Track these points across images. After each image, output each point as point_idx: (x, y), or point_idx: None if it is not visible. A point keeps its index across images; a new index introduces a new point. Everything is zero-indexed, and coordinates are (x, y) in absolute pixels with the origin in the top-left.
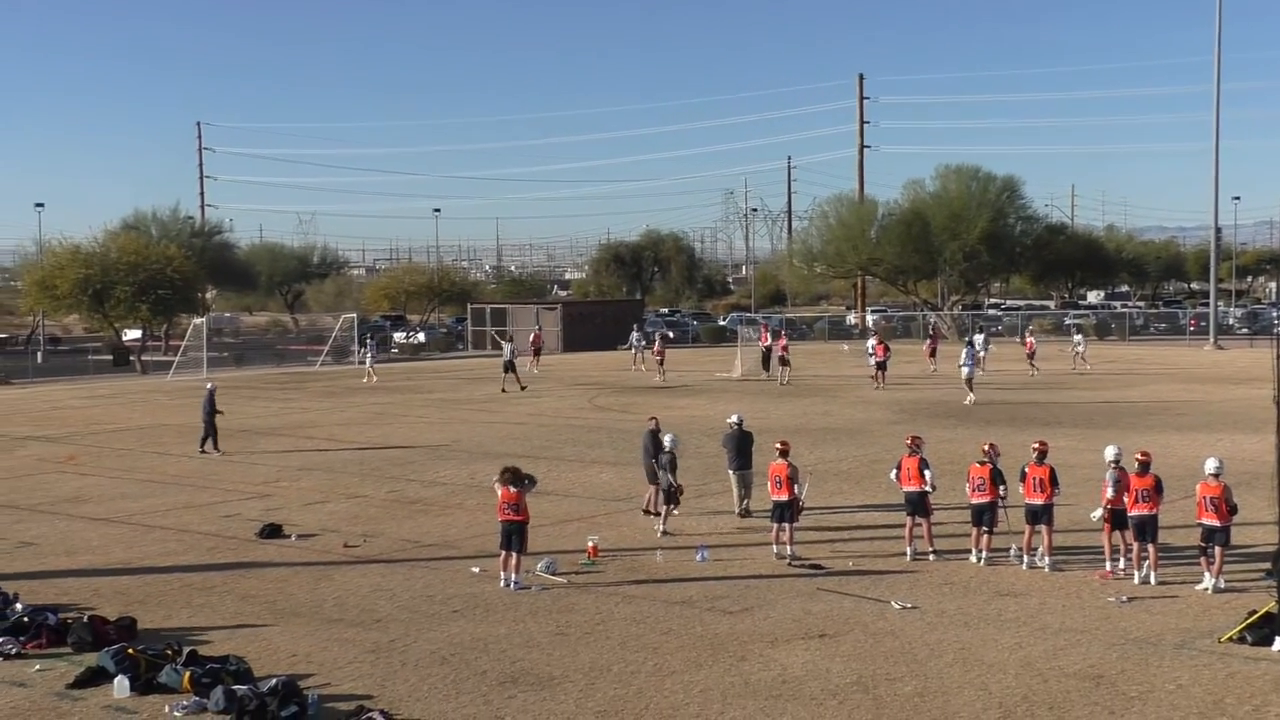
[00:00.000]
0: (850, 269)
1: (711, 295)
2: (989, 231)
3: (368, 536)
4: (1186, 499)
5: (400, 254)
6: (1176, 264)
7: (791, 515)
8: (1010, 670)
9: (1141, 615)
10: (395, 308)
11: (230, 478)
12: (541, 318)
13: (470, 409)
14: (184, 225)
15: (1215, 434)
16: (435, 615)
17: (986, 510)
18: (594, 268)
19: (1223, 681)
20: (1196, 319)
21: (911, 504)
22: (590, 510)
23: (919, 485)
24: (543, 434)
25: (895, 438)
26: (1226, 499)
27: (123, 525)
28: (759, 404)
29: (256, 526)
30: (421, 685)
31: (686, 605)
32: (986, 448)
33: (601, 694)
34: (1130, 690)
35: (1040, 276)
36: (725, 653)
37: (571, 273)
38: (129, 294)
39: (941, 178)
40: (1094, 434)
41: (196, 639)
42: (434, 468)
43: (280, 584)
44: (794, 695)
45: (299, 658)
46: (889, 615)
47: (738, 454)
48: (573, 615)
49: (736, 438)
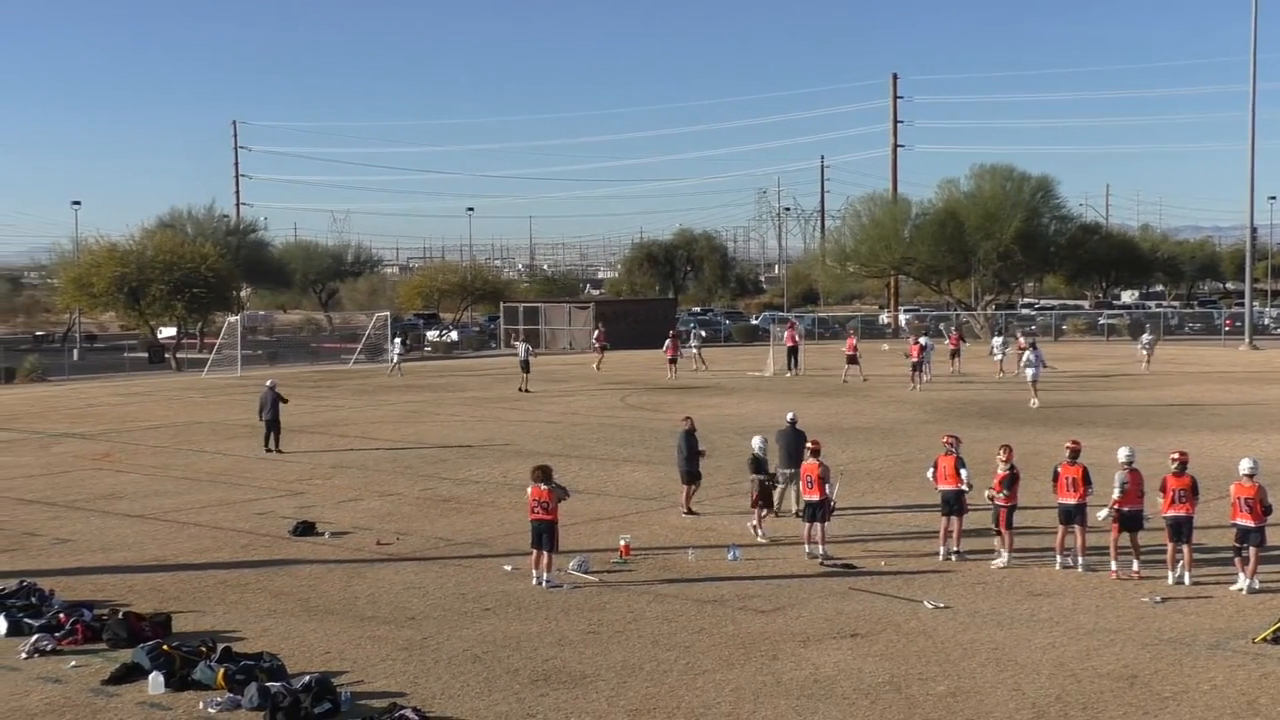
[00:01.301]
0: (883, 268)
1: (744, 294)
2: (1023, 231)
3: (401, 534)
4: (1221, 499)
5: (434, 252)
6: (1212, 264)
7: (823, 515)
8: (1044, 670)
9: (1176, 616)
10: (428, 306)
11: (264, 475)
12: (574, 317)
13: (503, 407)
14: (219, 223)
15: (1250, 434)
16: (468, 613)
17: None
18: (627, 266)
19: (1257, 682)
20: (1232, 319)
21: (947, 503)
22: (622, 509)
23: (955, 484)
24: (575, 433)
25: (928, 437)
26: (1261, 499)
27: (157, 522)
28: (790, 403)
29: (290, 524)
30: (454, 683)
31: (718, 604)
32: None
33: (633, 692)
34: (1164, 690)
35: (1074, 276)
36: (757, 652)
37: (604, 271)
38: (164, 292)
39: (976, 177)
40: (1127, 434)
41: (230, 636)
42: (466, 466)
43: (313, 581)
44: (826, 695)
45: (332, 655)
46: (921, 615)
47: (790, 454)
48: (605, 614)
49: (789, 436)
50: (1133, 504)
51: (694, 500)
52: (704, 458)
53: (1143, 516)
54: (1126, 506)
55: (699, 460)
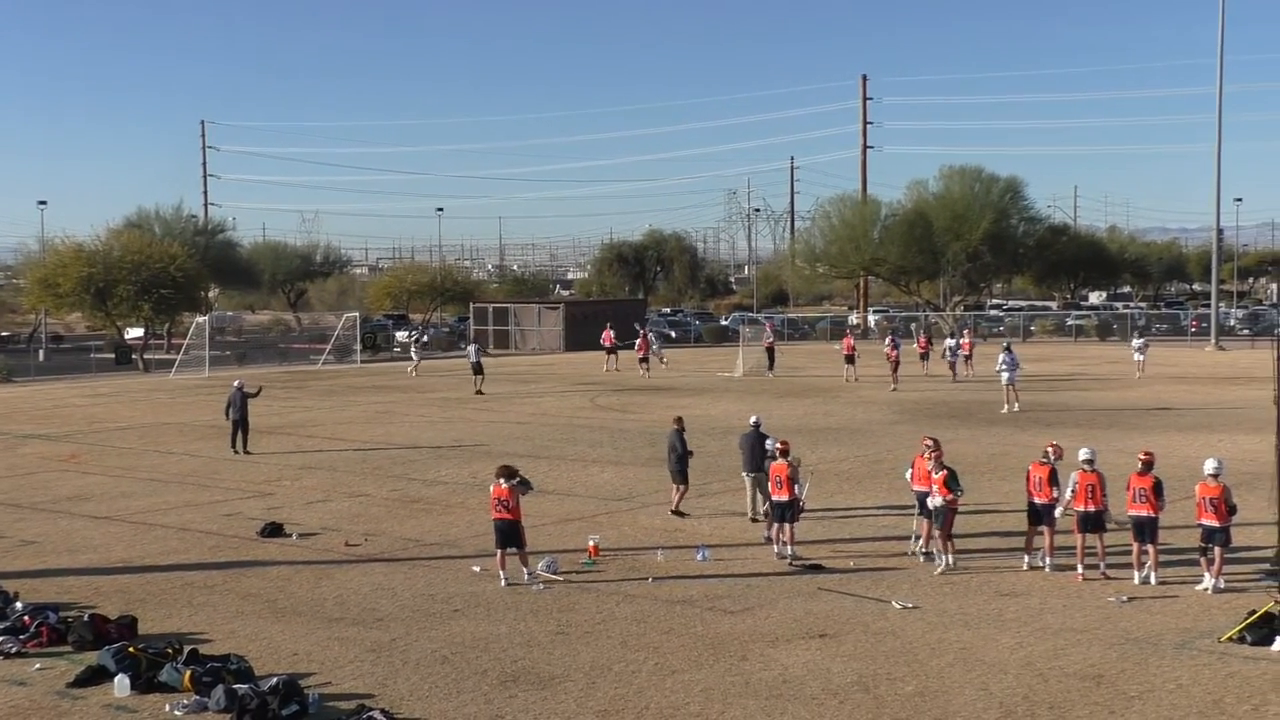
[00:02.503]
0: (853, 269)
1: (714, 295)
2: (991, 232)
3: (369, 535)
4: (1187, 499)
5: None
6: (1178, 265)
7: (792, 515)
8: (1011, 670)
9: (1142, 615)
10: (398, 307)
11: (232, 476)
12: (544, 317)
13: (472, 408)
14: (187, 224)
15: (1216, 434)
16: (436, 614)
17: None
18: (597, 267)
19: (1222, 681)
20: (1198, 320)
21: (923, 504)
22: (591, 510)
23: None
24: (544, 433)
25: (897, 438)
26: (1226, 499)
27: (124, 524)
28: (760, 404)
29: (258, 525)
30: (422, 684)
31: (687, 605)
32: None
33: (602, 693)
34: (1130, 690)
35: (1043, 277)
36: (726, 652)
37: (574, 272)
38: (132, 292)
39: (944, 178)
40: (1095, 435)
41: (197, 638)
42: (435, 467)
43: (281, 583)
44: (795, 695)
45: (300, 656)
46: (890, 615)
47: (752, 456)
48: (573, 614)
49: (752, 439)
50: (1092, 505)
51: (683, 502)
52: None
53: (1104, 517)
54: (1086, 507)
55: (688, 461)
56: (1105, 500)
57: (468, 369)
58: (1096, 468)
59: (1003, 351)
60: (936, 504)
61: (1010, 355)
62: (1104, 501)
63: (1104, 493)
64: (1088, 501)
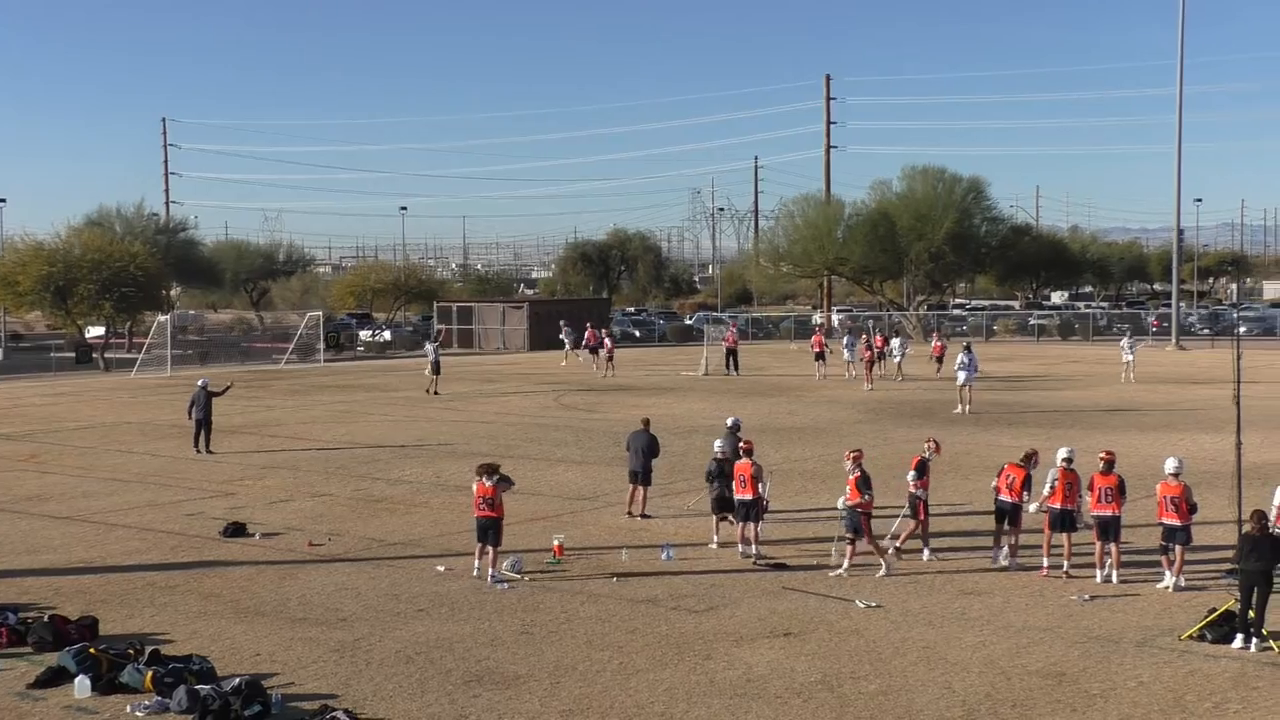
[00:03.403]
0: (816, 269)
1: (678, 294)
2: (954, 232)
3: (332, 535)
4: (1148, 498)
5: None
6: (1139, 265)
7: (756, 514)
8: (973, 668)
9: (1103, 613)
10: (361, 306)
11: (194, 476)
12: (508, 316)
13: (436, 407)
14: (148, 222)
15: (1177, 433)
16: (400, 614)
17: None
18: (561, 266)
19: (1183, 679)
20: (1159, 320)
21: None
22: (556, 509)
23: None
24: (509, 433)
25: (861, 437)
26: (1187, 498)
27: (85, 524)
28: (726, 403)
29: (220, 525)
30: (386, 684)
31: (652, 604)
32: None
33: (566, 693)
34: (1092, 688)
35: (1005, 277)
36: (690, 651)
37: (538, 271)
38: (92, 291)
39: (907, 178)
40: (1058, 434)
41: (159, 638)
42: (399, 466)
43: (244, 583)
44: (759, 694)
45: (263, 657)
46: (853, 614)
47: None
48: (538, 614)
49: (731, 441)
50: (1067, 504)
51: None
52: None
53: (1075, 517)
54: (1059, 505)
55: (649, 460)
56: (1079, 500)
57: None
58: (1074, 467)
59: (962, 352)
60: (844, 506)
61: (970, 356)
62: (1078, 501)
63: (1079, 493)
64: (1066, 500)
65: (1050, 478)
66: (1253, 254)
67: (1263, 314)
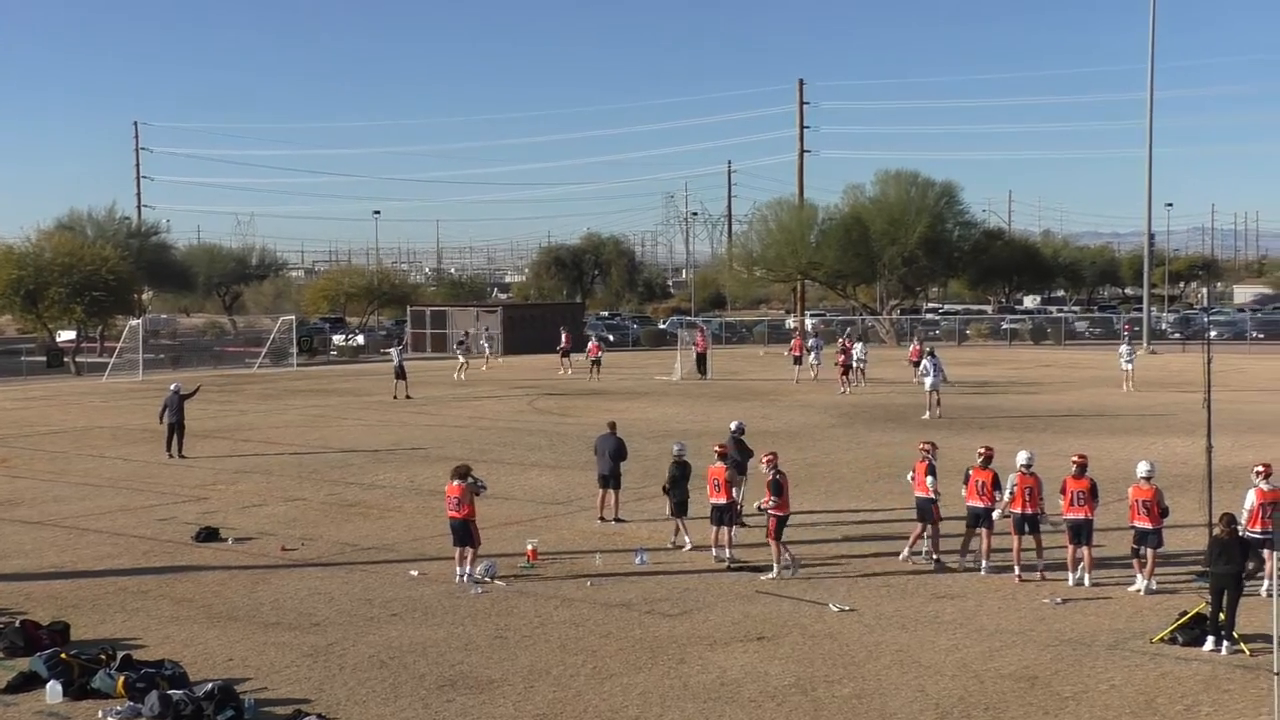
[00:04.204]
0: (790, 273)
1: (652, 298)
2: (927, 236)
3: (306, 540)
4: (1120, 501)
5: (340, 256)
6: (1111, 269)
7: (730, 518)
8: (947, 672)
9: (1076, 617)
10: (334, 310)
11: (166, 481)
12: (482, 320)
13: (409, 412)
14: (120, 226)
15: (1148, 437)
16: (373, 619)
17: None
18: (534, 270)
19: (1155, 682)
20: (1130, 324)
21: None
22: (529, 513)
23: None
24: (482, 437)
25: (834, 441)
26: (1158, 502)
27: (56, 529)
28: (700, 407)
29: (193, 530)
30: (359, 689)
31: (626, 608)
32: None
33: (540, 697)
34: (1065, 691)
35: (978, 281)
36: (664, 655)
37: (512, 275)
38: (63, 295)
39: (880, 183)
40: (1030, 438)
41: (131, 644)
42: (373, 470)
43: (217, 588)
44: (733, 698)
45: (235, 662)
46: (827, 618)
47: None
48: (512, 618)
49: (734, 445)
50: (1030, 508)
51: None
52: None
53: (1040, 520)
54: (1024, 510)
55: (619, 464)
56: (1042, 503)
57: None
58: (1034, 471)
59: (926, 358)
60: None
61: (934, 360)
62: (1040, 505)
63: (1041, 496)
64: (1025, 504)
65: (1010, 483)
66: (1223, 258)
67: (1233, 318)
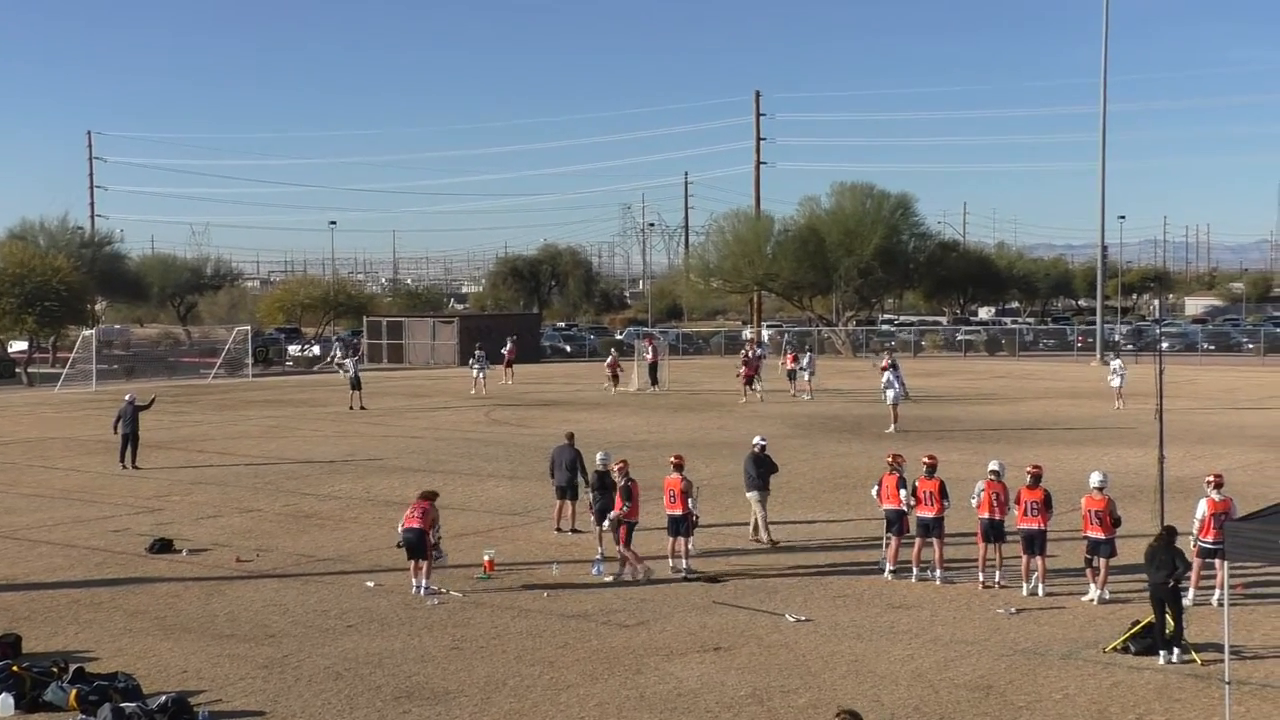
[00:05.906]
0: (746, 284)
1: (609, 309)
2: (883, 248)
3: (261, 551)
4: (1073, 512)
5: (295, 266)
6: (1065, 281)
7: (687, 529)
8: (902, 681)
9: (1029, 626)
10: (290, 320)
11: (120, 492)
12: (438, 331)
13: (365, 423)
14: (73, 235)
15: (1101, 448)
16: (329, 630)
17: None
18: (491, 281)
19: (1107, 691)
20: (1084, 335)
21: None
22: (486, 524)
23: (897, 504)
24: (439, 448)
25: (791, 452)
26: (1111, 511)
27: (7, 540)
28: (656, 418)
29: (147, 541)
30: (315, 701)
31: (582, 619)
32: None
33: (497, 708)
34: (1018, 700)
35: (933, 293)
36: (621, 666)
37: (469, 286)
38: (15, 305)
39: (836, 194)
40: (984, 448)
41: (84, 656)
42: (329, 481)
43: (171, 599)
44: (689, 708)
45: (190, 674)
46: (783, 628)
47: (756, 476)
48: (468, 630)
49: (755, 459)
50: (998, 514)
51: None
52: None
53: (1004, 528)
54: (987, 516)
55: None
56: (1008, 512)
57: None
58: (1003, 480)
59: (888, 370)
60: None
61: (896, 374)
62: (1006, 514)
63: (1008, 504)
64: (993, 511)
65: (977, 489)
66: (1175, 270)
67: (1184, 330)
